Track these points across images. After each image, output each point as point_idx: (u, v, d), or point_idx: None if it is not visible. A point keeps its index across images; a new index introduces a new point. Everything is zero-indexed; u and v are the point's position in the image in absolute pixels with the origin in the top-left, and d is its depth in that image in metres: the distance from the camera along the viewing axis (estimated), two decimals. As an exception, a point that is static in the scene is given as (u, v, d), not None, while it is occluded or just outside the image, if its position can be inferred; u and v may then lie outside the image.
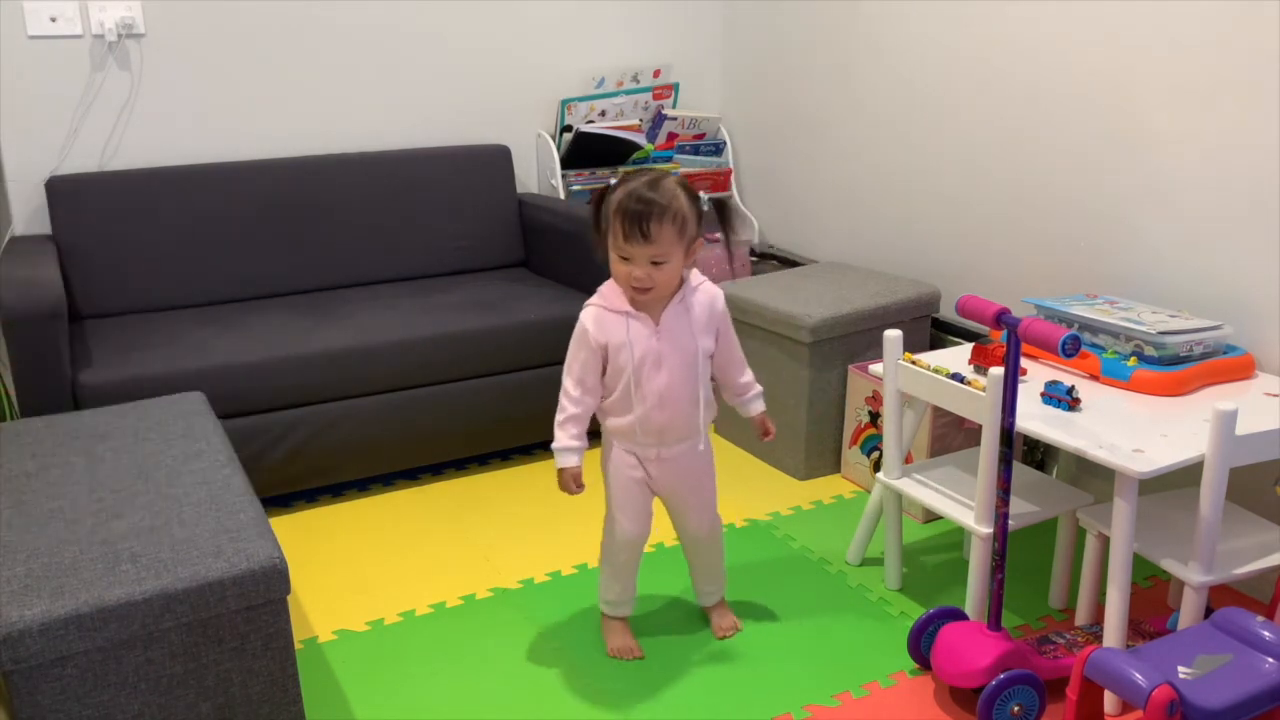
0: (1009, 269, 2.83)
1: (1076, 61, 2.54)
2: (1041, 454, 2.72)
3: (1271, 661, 1.66)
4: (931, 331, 2.99)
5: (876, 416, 2.75)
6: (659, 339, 1.93)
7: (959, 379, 2.06)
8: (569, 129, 3.52)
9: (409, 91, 3.36)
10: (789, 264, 3.50)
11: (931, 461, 2.39)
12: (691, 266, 1.97)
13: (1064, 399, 2.03)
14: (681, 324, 1.95)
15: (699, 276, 2.00)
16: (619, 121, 3.58)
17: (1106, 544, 1.97)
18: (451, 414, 2.82)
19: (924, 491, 2.22)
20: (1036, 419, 1.98)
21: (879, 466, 2.52)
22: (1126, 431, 1.92)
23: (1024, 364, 2.15)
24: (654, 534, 2.29)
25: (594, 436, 2.08)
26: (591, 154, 3.51)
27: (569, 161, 3.50)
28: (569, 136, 3.51)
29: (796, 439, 2.89)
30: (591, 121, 3.55)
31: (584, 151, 3.50)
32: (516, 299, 3.00)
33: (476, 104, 3.47)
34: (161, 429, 2.08)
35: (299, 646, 2.15)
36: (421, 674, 2.09)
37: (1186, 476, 1.91)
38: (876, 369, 2.27)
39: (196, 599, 1.55)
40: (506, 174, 3.42)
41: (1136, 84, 2.41)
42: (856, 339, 2.84)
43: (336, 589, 2.38)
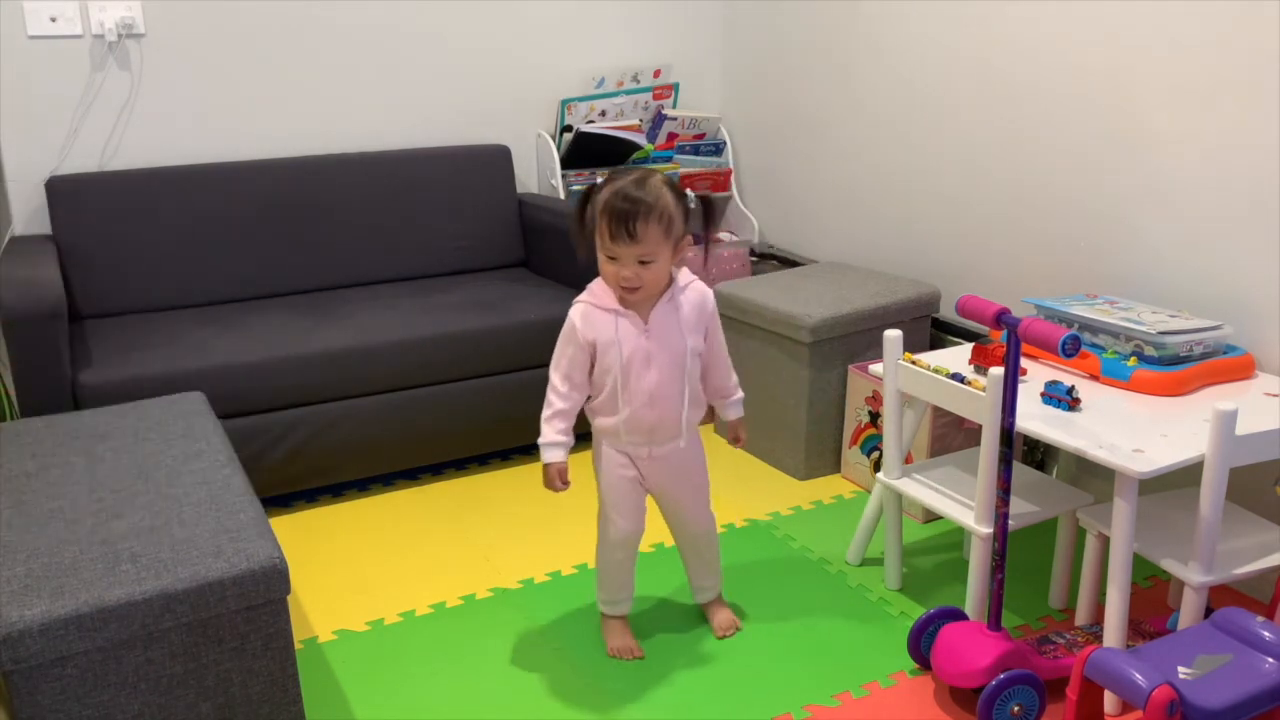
0: (1009, 269, 2.83)
1: (1076, 61, 2.54)
2: (1041, 454, 2.72)
3: (1271, 661, 1.66)
4: (931, 331, 2.99)
5: (876, 416, 2.75)
6: (648, 337, 1.93)
7: (959, 379, 2.06)
8: (569, 129, 3.52)
9: (409, 91, 3.36)
10: (789, 264, 3.50)
11: (931, 461, 2.39)
12: (680, 265, 1.97)
13: (1064, 399, 2.03)
14: (670, 323, 1.94)
15: (688, 275, 2.00)
16: (619, 121, 3.58)
17: (1106, 544, 1.97)
18: (451, 414, 2.82)
19: (924, 491, 2.22)
20: (1036, 419, 1.98)
21: (879, 466, 2.52)
22: (1126, 431, 1.92)
23: (1024, 364, 2.15)
24: (654, 534, 2.29)
25: (586, 438, 2.08)
26: (591, 154, 3.51)
27: (569, 161, 3.50)
28: (569, 136, 3.51)
29: (796, 439, 2.89)
30: (591, 121, 3.55)
31: (584, 151, 3.50)
32: (516, 299, 3.00)
33: (476, 104, 3.47)
34: (161, 429, 2.08)
35: (299, 646, 2.15)
36: (421, 674, 2.09)
37: (1186, 476, 1.91)
38: (876, 369, 2.27)
39: (196, 599, 1.56)
40: (506, 174, 3.42)
41: (1136, 84, 2.41)
42: (856, 339, 2.84)
43: (336, 589, 2.38)
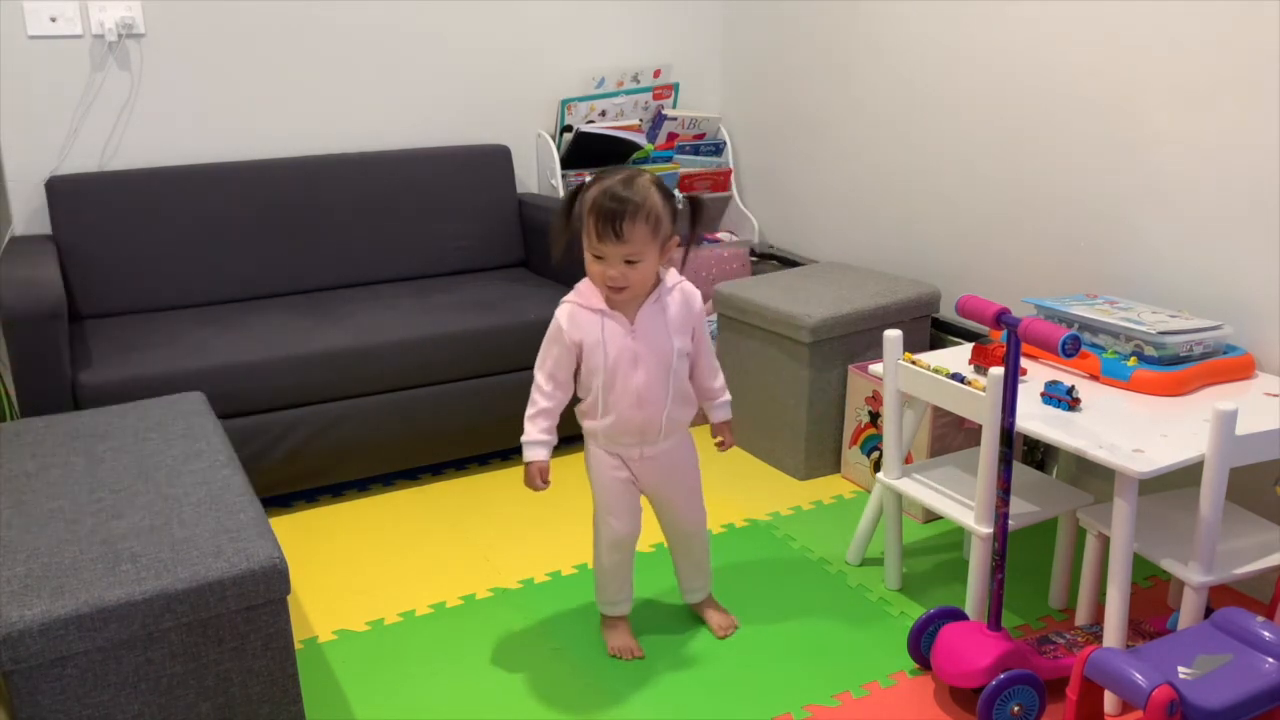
0: (1009, 269, 2.83)
1: (1077, 62, 2.54)
2: (1041, 454, 2.72)
3: (1271, 661, 1.66)
4: (931, 331, 2.99)
5: (876, 416, 2.75)
6: (634, 338, 1.93)
7: (959, 379, 2.06)
8: (569, 129, 3.52)
9: (409, 91, 3.36)
10: (789, 264, 3.50)
11: (931, 461, 2.39)
12: (668, 266, 1.97)
13: (1064, 399, 2.03)
14: (657, 323, 1.94)
15: (675, 276, 1.99)
16: (619, 121, 3.58)
17: (1106, 544, 1.97)
18: (451, 414, 2.82)
19: (924, 491, 2.22)
20: (1036, 419, 1.98)
21: (879, 466, 2.52)
22: (1126, 431, 1.92)
23: (1024, 364, 2.15)
24: (653, 534, 2.29)
25: (578, 439, 2.08)
26: (591, 154, 3.51)
27: (569, 161, 3.50)
28: (569, 136, 3.50)
29: (796, 439, 2.89)
30: (591, 121, 3.55)
31: (584, 151, 3.50)
32: (516, 299, 3.00)
33: (476, 104, 3.47)
34: (161, 429, 2.08)
35: (299, 646, 2.15)
36: (421, 674, 2.09)
37: (1186, 476, 1.91)
38: (876, 369, 2.27)
39: (196, 599, 1.55)
40: (506, 174, 3.42)
41: (1136, 84, 2.41)
42: (856, 339, 2.84)
43: (336, 589, 2.38)
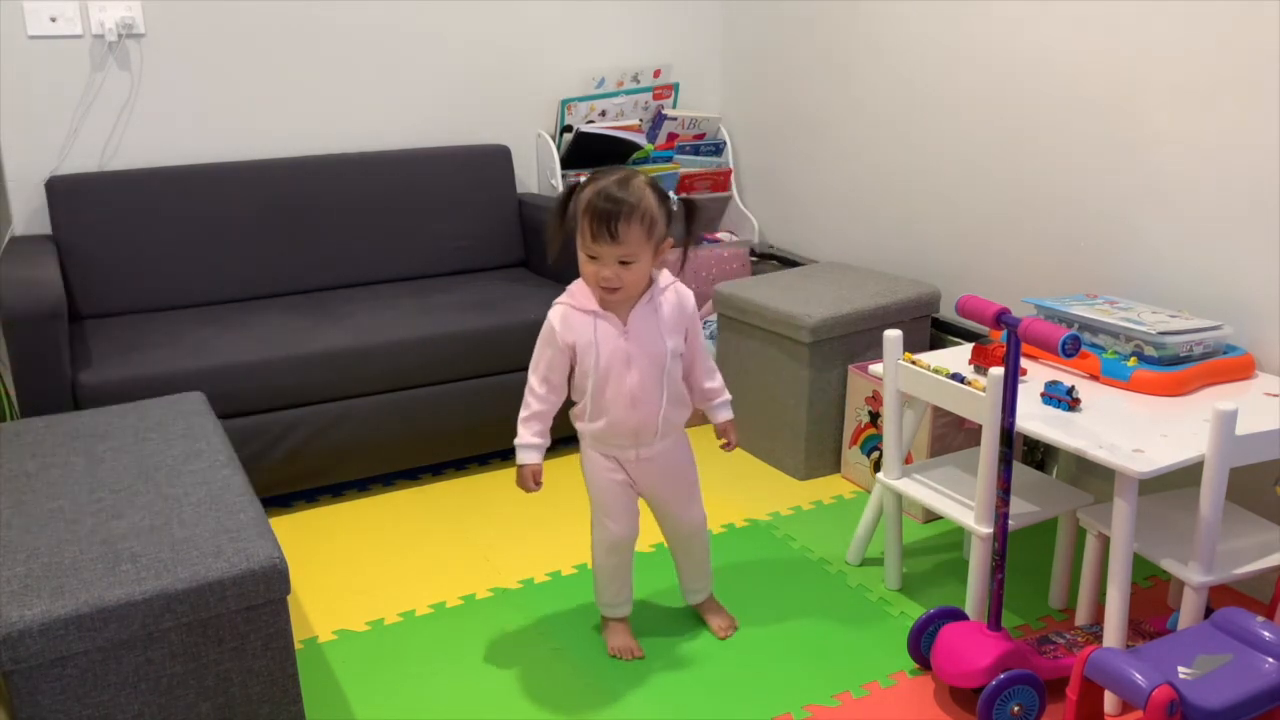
0: (1009, 269, 2.83)
1: (1077, 61, 2.54)
2: (1041, 454, 2.72)
3: (1271, 661, 1.66)
4: (931, 331, 2.99)
5: (876, 416, 2.75)
6: (627, 339, 1.92)
7: (959, 379, 2.06)
8: (569, 129, 3.52)
9: (409, 91, 3.36)
10: (789, 264, 3.50)
11: (931, 461, 2.39)
12: (661, 267, 1.97)
13: (1064, 399, 2.03)
14: (650, 324, 1.94)
15: (668, 276, 1.99)
16: (619, 121, 3.58)
17: (1106, 544, 1.97)
18: (451, 414, 2.82)
19: (924, 491, 2.22)
20: (1036, 419, 1.98)
21: (879, 466, 2.52)
22: (1126, 431, 1.92)
23: (1024, 364, 2.15)
24: (653, 534, 2.29)
25: (575, 440, 2.08)
26: (591, 154, 3.50)
27: (569, 161, 3.50)
28: (569, 136, 3.51)
29: (796, 439, 2.89)
30: (591, 121, 3.55)
31: (584, 151, 3.50)
32: (516, 299, 3.00)
33: (476, 104, 3.47)
34: (161, 429, 2.08)
35: (299, 646, 2.15)
36: (421, 674, 2.09)
37: (1186, 476, 1.91)
38: (876, 369, 2.27)
39: (196, 599, 1.56)
40: (506, 174, 3.42)
41: (1136, 84, 2.41)
42: (856, 339, 2.84)
43: (336, 589, 2.38)
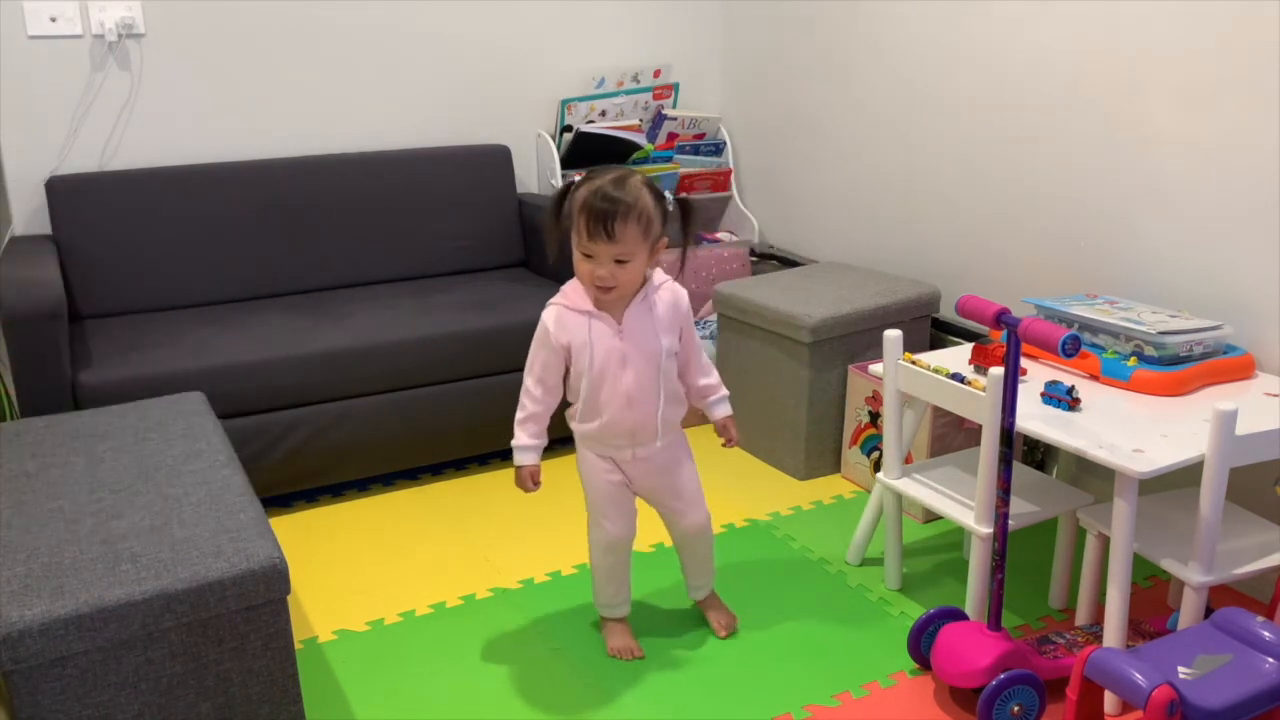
0: (1009, 269, 2.83)
1: (1077, 61, 2.54)
2: (1041, 454, 2.72)
3: (1271, 661, 1.66)
4: (931, 331, 2.99)
5: (876, 416, 2.75)
6: (622, 338, 1.92)
7: (959, 379, 2.06)
8: (569, 129, 3.52)
9: (409, 91, 3.36)
10: (789, 264, 3.50)
11: (931, 461, 2.39)
12: (655, 266, 1.97)
13: (1064, 399, 2.03)
14: (644, 323, 1.94)
15: (662, 275, 1.99)
16: (619, 121, 3.58)
17: (1106, 544, 1.97)
18: (451, 414, 2.82)
19: (924, 491, 2.22)
20: (1036, 419, 1.98)
21: (879, 466, 2.52)
22: (1126, 431, 1.92)
23: (1024, 364, 2.15)
24: (652, 534, 2.30)
25: (570, 440, 2.09)
26: (592, 154, 3.50)
27: (569, 161, 3.50)
28: (569, 136, 3.51)
29: (796, 439, 2.89)
30: (591, 121, 3.55)
31: (584, 151, 3.50)
32: (516, 299, 3.00)
33: (476, 104, 3.47)
34: (161, 429, 2.08)
35: (299, 646, 2.15)
36: (421, 674, 2.09)
37: (1186, 476, 1.91)
38: (876, 369, 2.27)
39: (196, 599, 1.56)
40: (506, 174, 3.42)
41: (1136, 84, 2.41)
42: (856, 339, 2.84)
43: (336, 589, 2.38)
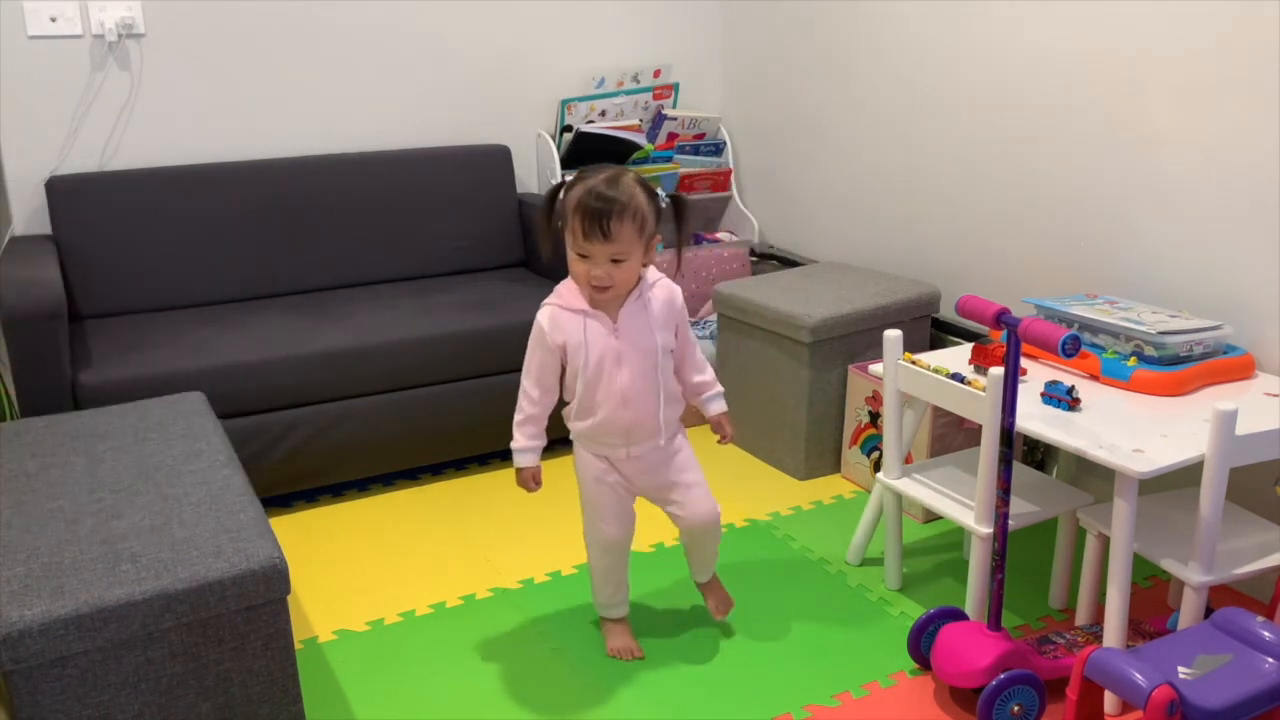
0: (1009, 269, 2.83)
1: (1077, 61, 2.54)
2: (1041, 454, 2.72)
3: (1271, 661, 1.66)
4: (931, 331, 2.99)
5: (876, 416, 2.75)
6: (617, 337, 1.92)
7: (959, 379, 2.06)
8: (569, 129, 3.52)
9: (409, 91, 3.36)
10: (789, 264, 3.50)
11: (931, 461, 2.39)
12: (650, 264, 1.97)
13: (1064, 399, 2.03)
14: (640, 321, 1.94)
15: (655, 273, 1.99)
16: (619, 121, 3.58)
17: (1106, 544, 1.97)
18: (451, 414, 2.82)
19: (924, 491, 2.22)
20: (1036, 419, 1.98)
21: (879, 466, 2.52)
22: (1126, 431, 1.92)
23: (1024, 364, 2.15)
24: (653, 534, 2.30)
25: (567, 441, 2.09)
26: (592, 154, 3.50)
27: (569, 161, 3.50)
28: (569, 136, 3.51)
29: (796, 439, 2.89)
30: (591, 121, 3.55)
31: (584, 151, 3.50)
32: (516, 299, 3.00)
33: (476, 104, 3.47)
34: (161, 429, 2.08)
35: (299, 646, 2.15)
36: (421, 674, 2.09)
37: (1186, 476, 1.91)
38: (876, 369, 2.27)
39: (196, 599, 1.56)
40: (506, 174, 3.42)
41: (1137, 84, 2.41)
42: (856, 339, 2.84)
43: (336, 589, 2.38)
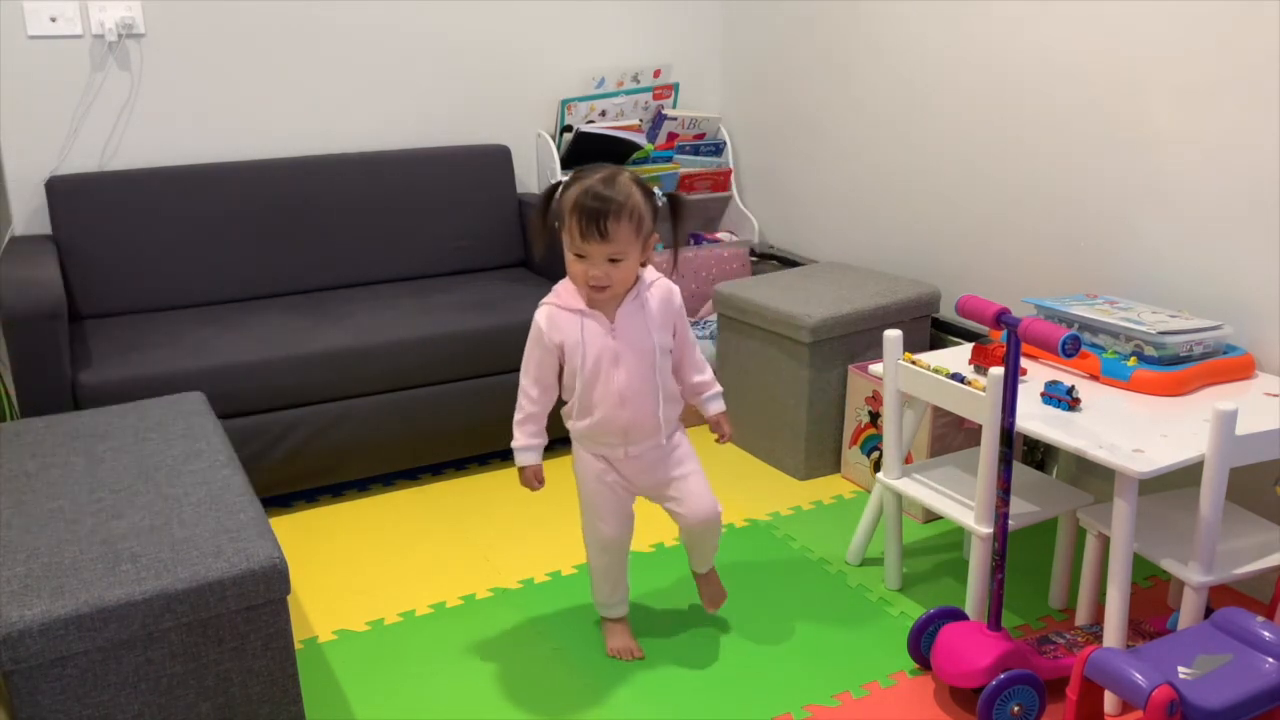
0: (1009, 269, 2.83)
1: (1077, 61, 2.54)
2: (1041, 454, 2.72)
3: (1271, 661, 1.66)
4: (931, 331, 2.99)
5: (876, 416, 2.75)
6: (614, 337, 1.92)
7: (959, 379, 2.06)
8: (569, 129, 3.52)
9: (409, 91, 3.36)
10: (789, 264, 3.50)
11: (931, 461, 2.39)
12: (647, 264, 1.96)
13: (1064, 399, 2.03)
14: (637, 321, 1.93)
15: (653, 273, 1.99)
16: (619, 121, 3.58)
17: (1106, 544, 1.97)
18: (451, 414, 2.82)
19: (924, 491, 2.22)
20: (1036, 419, 1.98)
21: (879, 466, 2.52)
22: (1126, 431, 1.92)
23: (1024, 364, 2.15)
24: (653, 534, 2.30)
25: (566, 441, 2.09)
26: (592, 154, 3.50)
27: (569, 161, 3.50)
28: (569, 136, 3.50)
29: (796, 439, 2.89)
30: (591, 121, 3.55)
31: (584, 151, 3.50)
32: (516, 299, 2.99)
33: (476, 104, 3.47)
34: (161, 429, 2.08)
35: (299, 646, 2.15)
36: (421, 674, 2.09)
37: (1186, 476, 1.91)
38: (876, 369, 2.27)
39: (196, 599, 1.56)
40: (506, 174, 3.42)
41: (1137, 84, 2.41)
42: (856, 339, 2.84)
43: (336, 589, 2.38)
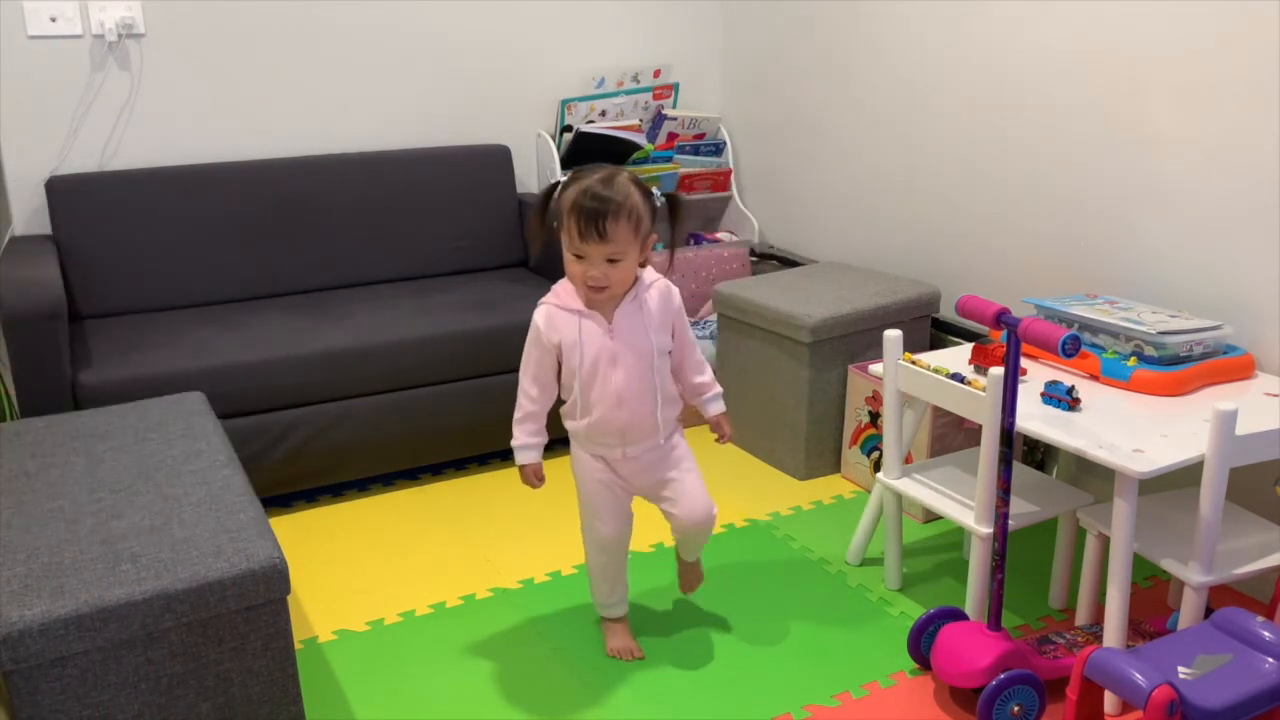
0: (1009, 269, 2.83)
1: (1077, 61, 2.54)
2: (1041, 454, 2.72)
3: (1271, 661, 1.66)
4: (931, 331, 2.99)
5: (876, 416, 2.75)
6: (612, 337, 1.91)
7: (959, 379, 2.06)
8: (569, 129, 3.52)
9: (409, 91, 3.36)
10: (789, 264, 3.50)
11: (931, 461, 2.39)
12: (646, 264, 1.96)
13: (1064, 399, 2.03)
14: (635, 322, 1.93)
15: (652, 273, 1.98)
16: (619, 121, 3.58)
17: (1106, 544, 1.97)
18: (451, 414, 2.82)
19: (924, 491, 2.22)
20: (1036, 419, 1.98)
21: (879, 466, 2.52)
22: (1126, 431, 1.92)
23: (1024, 364, 2.15)
24: (653, 534, 2.30)
25: (566, 441, 2.09)
26: (592, 154, 3.50)
27: (569, 161, 3.50)
28: (569, 136, 3.50)
29: (796, 439, 2.89)
30: (591, 121, 3.55)
31: (584, 151, 3.50)
32: (516, 299, 2.99)
33: (476, 104, 3.47)
34: (161, 429, 2.08)
35: (299, 646, 2.15)
36: (421, 674, 2.09)
37: (1186, 476, 1.91)
38: (876, 369, 2.27)
39: (196, 599, 1.56)
40: (506, 174, 3.42)
41: (1137, 84, 2.41)
42: (856, 339, 2.84)
43: (336, 589, 2.38)
